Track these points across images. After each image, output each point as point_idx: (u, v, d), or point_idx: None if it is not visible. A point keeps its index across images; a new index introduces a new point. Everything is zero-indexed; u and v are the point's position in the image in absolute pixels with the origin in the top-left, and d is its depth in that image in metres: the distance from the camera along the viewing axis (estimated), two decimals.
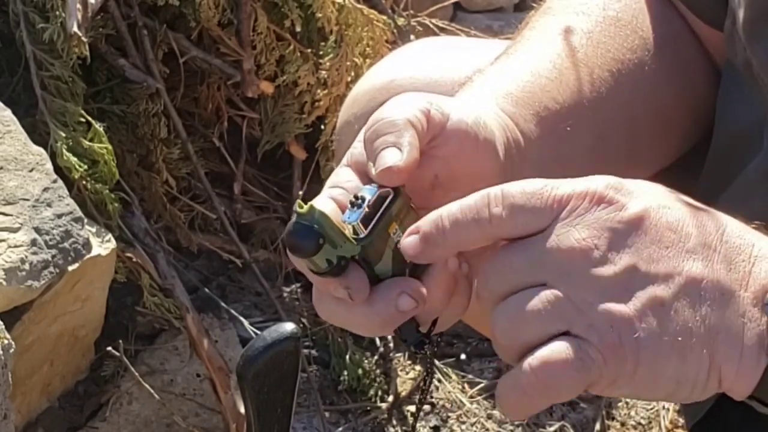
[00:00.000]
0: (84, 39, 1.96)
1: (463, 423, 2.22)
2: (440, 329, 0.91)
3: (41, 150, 1.85)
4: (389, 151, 0.87)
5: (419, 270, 0.89)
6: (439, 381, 2.28)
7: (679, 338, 0.81)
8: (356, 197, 0.87)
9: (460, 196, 0.86)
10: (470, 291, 0.91)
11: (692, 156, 1.23)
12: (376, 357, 2.29)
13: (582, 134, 1.09)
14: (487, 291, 0.85)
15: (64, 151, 1.92)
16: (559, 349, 0.80)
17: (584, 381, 0.81)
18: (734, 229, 0.85)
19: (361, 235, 0.86)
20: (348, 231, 0.86)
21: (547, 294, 0.81)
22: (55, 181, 1.82)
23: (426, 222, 0.86)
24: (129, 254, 2.03)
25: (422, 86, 1.24)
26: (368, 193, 0.87)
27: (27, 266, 1.70)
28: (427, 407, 2.25)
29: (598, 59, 1.13)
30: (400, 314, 0.87)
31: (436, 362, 2.29)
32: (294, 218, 0.85)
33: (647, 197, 0.84)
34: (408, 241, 0.86)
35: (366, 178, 0.90)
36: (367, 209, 0.86)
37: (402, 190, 0.89)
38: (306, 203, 0.85)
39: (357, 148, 0.92)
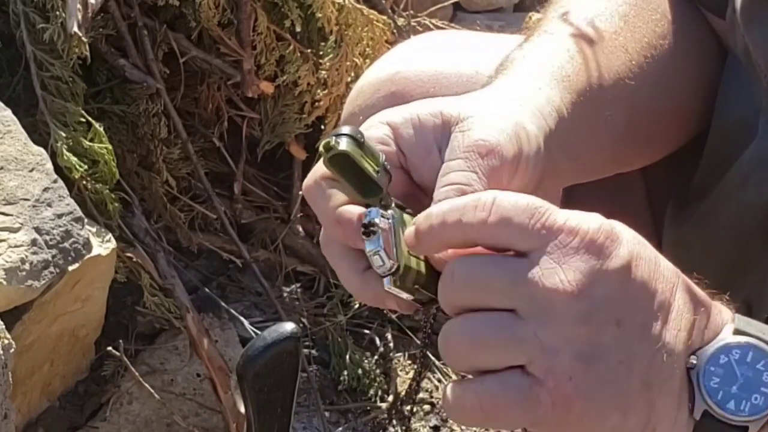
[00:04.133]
0: (84, 39, 1.97)
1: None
2: None
3: (41, 150, 1.85)
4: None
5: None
6: (439, 381, 2.28)
7: (627, 398, 0.81)
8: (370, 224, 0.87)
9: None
10: None
11: (690, 144, 1.24)
12: (376, 357, 2.29)
13: (617, 120, 1.09)
14: (453, 296, 0.83)
15: (65, 151, 1.92)
16: (510, 385, 0.80)
17: (528, 420, 0.81)
18: (683, 285, 0.85)
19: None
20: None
21: (518, 328, 0.80)
22: (55, 181, 1.82)
23: (420, 217, 0.86)
24: (129, 254, 2.03)
25: (427, 78, 1.23)
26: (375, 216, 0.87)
27: (27, 266, 1.70)
28: (427, 407, 2.25)
29: (636, 44, 1.13)
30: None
31: (436, 362, 2.29)
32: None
33: (629, 244, 0.82)
34: (407, 233, 0.86)
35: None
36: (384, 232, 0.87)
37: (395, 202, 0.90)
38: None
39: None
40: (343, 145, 0.85)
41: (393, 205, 0.89)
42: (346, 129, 0.86)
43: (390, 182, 0.88)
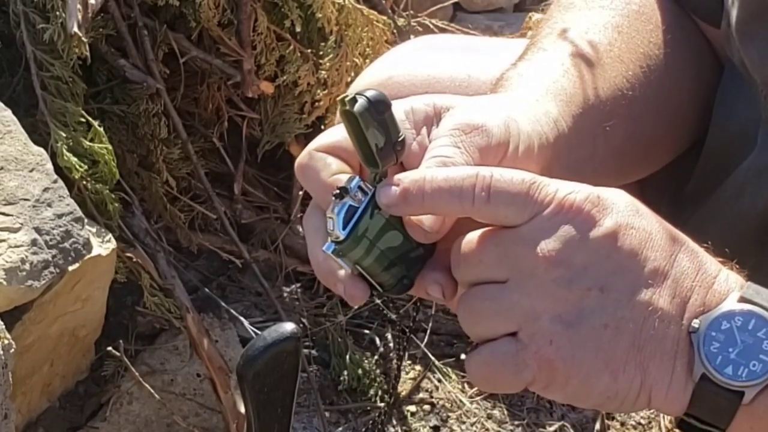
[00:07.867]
0: (84, 39, 1.97)
1: (463, 423, 2.22)
2: None
3: (41, 150, 1.85)
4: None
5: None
6: (439, 381, 2.28)
7: (616, 360, 0.84)
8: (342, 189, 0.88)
9: None
10: None
11: (684, 153, 1.24)
12: (376, 357, 2.29)
13: (617, 132, 1.09)
14: (457, 274, 0.88)
15: (65, 151, 1.92)
16: (499, 350, 0.85)
17: (519, 382, 0.86)
18: (685, 253, 0.86)
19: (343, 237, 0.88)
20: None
21: (504, 297, 0.84)
22: (55, 181, 1.82)
23: (409, 179, 0.87)
24: (129, 254, 2.03)
25: (419, 83, 1.24)
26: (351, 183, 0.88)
27: (27, 266, 1.70)
28: (427, 407, 2.25)
29: (631, 55, 1.13)
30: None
31: (436, 362, 2.29)
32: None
33: (619, 215, 0.85)
34: (386, 190, 0.87)
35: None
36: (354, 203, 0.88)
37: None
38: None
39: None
40: (357, 107, 0.85)
41: None
42: (371, 92, 0.86)
43: (398, 161, 0.89)
